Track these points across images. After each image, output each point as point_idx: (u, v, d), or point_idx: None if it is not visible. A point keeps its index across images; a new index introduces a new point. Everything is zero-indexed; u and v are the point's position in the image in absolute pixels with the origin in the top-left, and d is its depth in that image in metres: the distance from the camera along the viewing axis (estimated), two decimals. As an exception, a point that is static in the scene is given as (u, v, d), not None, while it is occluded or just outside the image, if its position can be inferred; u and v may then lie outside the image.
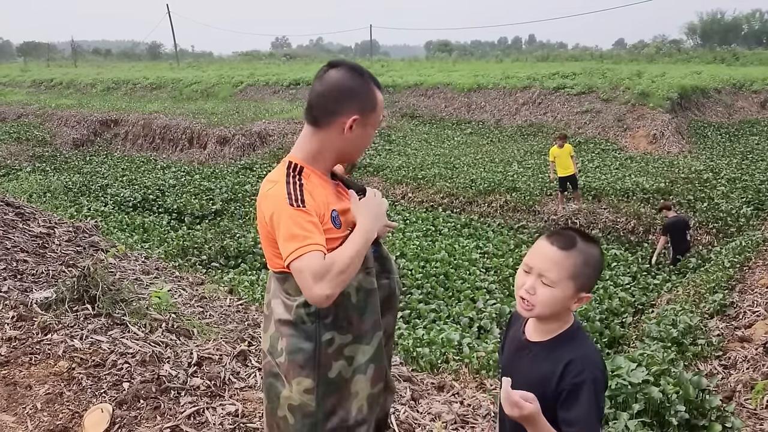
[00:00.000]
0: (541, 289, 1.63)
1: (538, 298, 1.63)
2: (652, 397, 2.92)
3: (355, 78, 1.90)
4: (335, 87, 1.89)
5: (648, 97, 19.10)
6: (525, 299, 1.66)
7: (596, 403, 1.59)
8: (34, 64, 56.95)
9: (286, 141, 18.16)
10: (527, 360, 1.74)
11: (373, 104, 1.93)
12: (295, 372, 1.89)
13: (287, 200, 1.77)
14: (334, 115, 1.89)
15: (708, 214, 11.09)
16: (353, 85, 1.90)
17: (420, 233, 11.34)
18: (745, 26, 66.92)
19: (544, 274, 1.62)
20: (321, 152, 1.92)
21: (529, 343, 1.75)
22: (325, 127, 1.90)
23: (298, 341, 1.89)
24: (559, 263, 1.61)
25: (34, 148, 19.84)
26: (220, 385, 3.12)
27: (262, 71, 32.89)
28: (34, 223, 4.97)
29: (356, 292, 1.93)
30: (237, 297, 4.91)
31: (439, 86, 24.25)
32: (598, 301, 8.08)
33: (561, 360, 1.64)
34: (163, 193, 14.16)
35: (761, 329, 4.88)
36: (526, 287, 1.65)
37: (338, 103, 1.88)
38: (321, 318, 1.88)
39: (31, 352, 3.20)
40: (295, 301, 1.89)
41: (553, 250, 1.63)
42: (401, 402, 3.25)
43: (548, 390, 1.63)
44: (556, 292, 1.62)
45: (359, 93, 1.90)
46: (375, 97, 1.93)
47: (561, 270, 1.61)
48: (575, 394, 1.59)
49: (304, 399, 1.90)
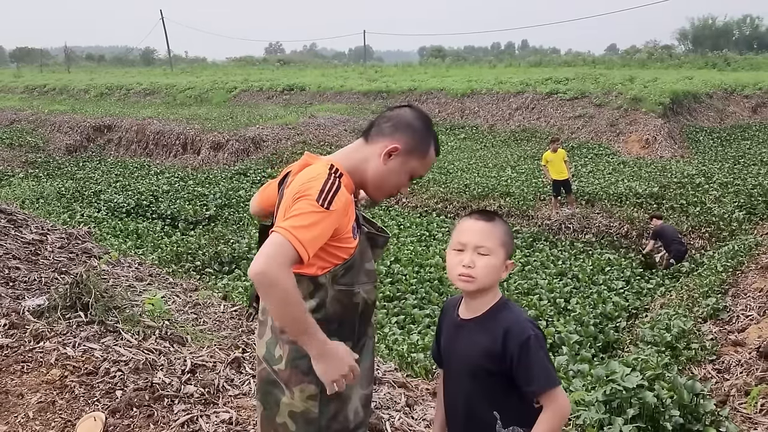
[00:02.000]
0: (480, 259, 1.78)
1: (478, 269, 1.77)
2: (647, 402, 2.93)
3: (421, 121, 1.98)
4: (400, 118, 1.97)
5: (640, 102, 19.22)
6: (465, 274, 1.78)
7: (545, 355, 1.74)
8: (27, 69, 56.79)
9: (279, 146, 18.15)
10: (464, 336, 1.86)
11: (422, 150, 1.97)
12: (297, 379, 1.89)
13: (317, 195, 1.76)
14: (383, 136, 1.95)
15: (700, 219, 11.14)
16: (416, 125, 1.97)
17: (414, 238, 11.34)
18: (736, 32, 67.33)
19: (481, 244, 1.79)
20: (358, 167, 1.95)
21: (464, 321, 1.87)
22: (371, 143, 1.97)
23: (302, 348, 1.87)
24: (490, 233, 1.81)
25: (27, 153, 19.74)
26: (214, 393, 3.10)
27: (256, 77, 32.93)
28: (26, 229, 4.94)
29: (364, 303, 1.96)
30: (231, 303, 4.90)
31: (433, 91, 24.32)
32: (592, 305, 8.10)
33: (498, 329, 1.76)
34: (157, 199, 14.11)
35: (755, 333, 4.90)
36: (464, 263, 1.79)
37: (394, 129, 1.95)
38: (327, 324, 1.87)
39: (23, 360, 3.17)
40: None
41: (481, 223, 1.83)
42: (396, 408, 3.24)
43: (494, 359, 1.75)
44: (492, 260, 1.79)
45: (416, 132, 1.96)
46: (428, 147, 1.98)
47: (493, 238, 1.80)
48: (525, 354, 1.71)
49: (308, 405, 1.89)
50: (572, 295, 8.58)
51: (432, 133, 2.00)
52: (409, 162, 1.95)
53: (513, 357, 1.72)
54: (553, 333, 6.88)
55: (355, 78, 30.50)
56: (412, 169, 1.97)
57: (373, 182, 1.97)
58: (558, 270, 9.64)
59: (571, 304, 8.16)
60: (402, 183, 2.00)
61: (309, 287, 1.86)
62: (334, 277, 1.87)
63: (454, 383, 1.90)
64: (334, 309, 1.89)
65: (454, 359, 1.89)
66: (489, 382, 1.78)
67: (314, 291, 1.87)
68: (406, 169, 1.96)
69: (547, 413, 1.72)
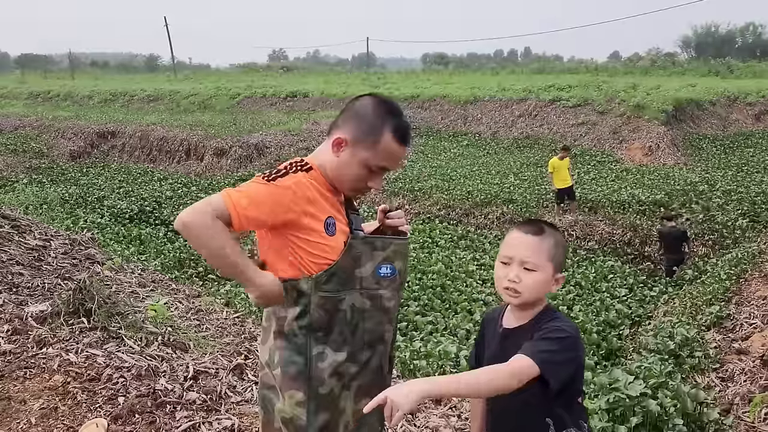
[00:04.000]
0: (526, 275, 1.73)
1: (524, 284, 1.73)
2: (650, 410, 2.92)
3: (372, 109, 1.90)
4: (352, 108, 1.93)
5: (643, 109, 19.20)
6: (511, 288, 1.74)
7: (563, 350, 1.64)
8: (31, 75, 56.92)
9: (283, 153, 18.18)
10: (510, 345, 1.77)
11: (371, 139, 1.87)
12: (287, 384, 1.89)
13: (264, 174, 1.82)
14: (336, 129, 1.92)
15: (704, 226, 11.12)
16: (364, 114, 1.89)
17: (417, 245, 11.33)
18: (739, 39, 67.31)
19: (527, 260, 1.73)
20: (323, 163, 1.93)
21: (510, 330, 1.82)
22: (329, 137, 1.95)
23: (291, 354, 1.89)
24: (537, 248, 1.74)
25: (31, 159, 19.82)
26: (217, 399, 3.10)
27: (260, 83, 33.00)
28: (30, 235, 4.95)
29: (350, 309, 1.91)
30: (233, 310, 4.90)
31: (436, 98, 24.35)
32: (595, 313, 8.08)
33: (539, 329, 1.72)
34: (160, 205, 14.15)
35: (758, 341, 4.88)
36: (510, 277, 1.74)
37: (344, 120, 1.92)
38: (313, 331, 1.88)
39: (25, 366, 3.18)
40: (288, 314, 1.88)
41: (529, 237, 1.75)
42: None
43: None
44: (540, 276, 1.73)
45: (364, 122, 1.88)
46: (378, 135, 1.87)
47: (540, 253, 1.73)
48: (543, 336, 1.66)
49: (296, 412, 1.89)
50: (575, 302, 8.56)
51: (388, 120, 1.88)
52: (358, 152, 1.87)
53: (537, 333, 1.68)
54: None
55: (357, 85, 30.56)
56: (364, 160, 1.88)
57: (333, 176, 1.93)
58: (561, 277, 9.61)
59: (574, 311, 8.14)
60: (360, 175, 1.90)
61: (292, 294, 1.86)
62: (317, 283, 1.85)
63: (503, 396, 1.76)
64: (319, 315, 1.87)
65: None
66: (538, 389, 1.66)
67: (298, 298, 1.87)
68: (357, 160, 1.88)
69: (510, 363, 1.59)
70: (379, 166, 1.91)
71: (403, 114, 1.95)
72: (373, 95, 1.95)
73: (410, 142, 1.96)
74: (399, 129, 1.89)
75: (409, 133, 1.94)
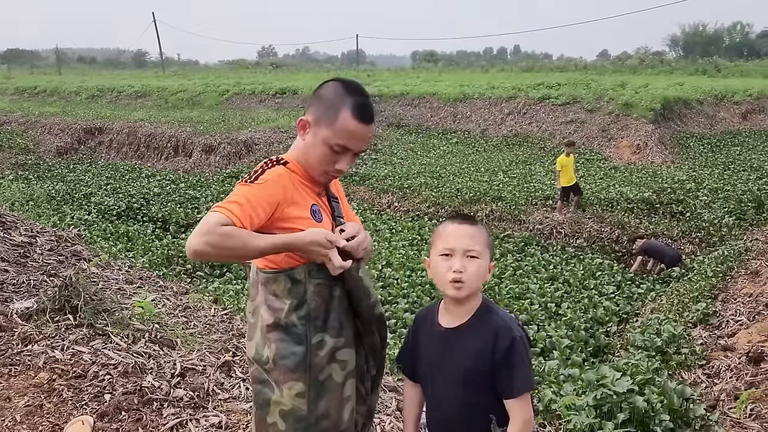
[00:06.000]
0: (470, 263, 1.78)
1: (469, 273, 1.77)
2: (637, 406, 2.93)
3: (332, 89, 1.91)
4: (315, 92, 1.95)
5: (632, 107, 19.31)
6: (456, 279, 1.76)
7: (527, 356, 1.76)
8: (17, 71, 56.46)
9: (272, 150, 18.11)
10: (454, 344, 1.84)
11: (329, 117, 1.87)
12: (286, 377, 1.89)
13: (243, 178, 1.86)
14: (305, 113, 1.96)
15: (691, 224, 11.20)
16: (324, 94, 1.92)
17: (406, 242, 11.34)
18: (727, 38, 67.86)
19: (470, 248, 1.78)
20: (298, 153, 1.96)
21: (451, 330, 1.85)
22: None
23: (288, 345, 1.88)
24: (476, 236, 1.81)
25: (17, 156, 19.62)
26: (204, 397, 3.08)
27: (249, 80, 32.86)
28: (15, 231, 4.90)
29: (346, 295, 1.94)
30: (222, 306, 4.88)
31: (425, 96, 24.36)
32: (583, 310, 8.12)
33: (488, 330, 1.78)
34: (148, 202, 14.05)
35: (744, 338, 4.92)
36: (454, 268, 1.77)
37: (309, 104, 1.95)
38: (311, 320, 1.89)
39: (10, 363, 3.15)
40: (285, 304, 1.88)
41: (466, 227, 1.82)
42: (386, 413, 3.23)
43: (485, 362, 1.76)
44: (482, 262, 1.79)
45: (323, 101, 1.90)
46: (335, 113, 1.87)
47: (480, 241, 1.80)
48: (509, 355, 1.74)
49: (296, 403, 1.89)
50: (563, 299, 8.60)
51: (347, 98, 1.87)
52: (319, 132, 1.88)
53: (498, 356, 1.74)
54: (544, 337, 6.89)
55: (347, 82, 30.43)
56: (325, 139, 1.88)
57: (303, 161, 1.95)
58: (549, 274, 9.66)
59: (562, 308, 8.17)
60: (324, 156, 1.90)
61: (286, 284, 1.87)
62: (310, 272, 1.87)
63: (444, 395, 1.87)
64: (316, 304, 1.89)
65: (444, 370, 1.85)
66: (482, 385, 1.78)
67: (291, 288, 1.87)
68: (320, 140, 1.89)
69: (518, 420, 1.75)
70: (339, 144, 1.89)
71: (366, 94, 1.93)
72: (335, 79, 1.96)
73: (371, 119, 1.92)
74: (357, 106, 1.87)
75: (368, 111, 1.90)
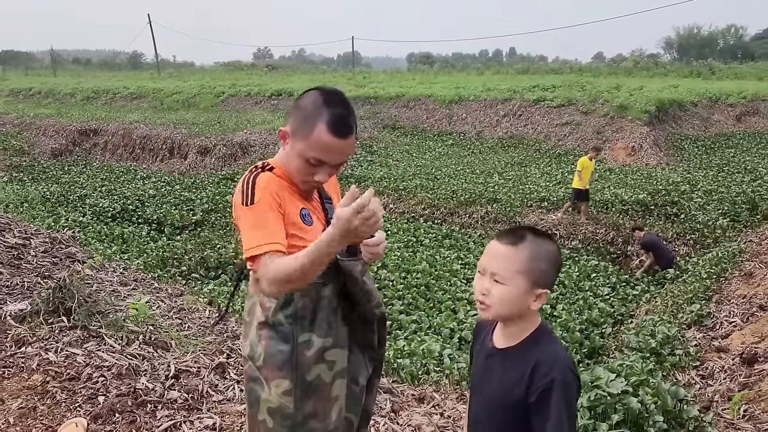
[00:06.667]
0: (495, 287, 1.62)
1: (492, 297, 1.63)
2: (631, 407, 2.94)
3: (311, 101, 1.87)
4: (297, 101, 1.93)
5: (626, 109, 19.37)
6: (480, 301, 1.66)
7: (567, 407, 1.57)
8: (12, 72, 56.25)
9: (267, 152, 18.10)
10: (497, 367, 1.72)
11: (304, 130, 1.84)
12: (273, 374, 1.90)
13: (241, 199, 1.85)
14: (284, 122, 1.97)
15: (685, 226, 11.22)
16: (302, 105, 1.89)
17: (401, 244, 11.33)
18: (721, 41, 68.23)
19: (495, 272, 1.62)
20: (282, 160, 1.96)
21: (497, 350, 1.73)
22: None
23: (276, 343, 1.90)
24: (508, 259, 1.62)
25: (12, 157, 19.53)
26: (198, 398, 3.08)
27: (244, 82, 32.83)
28: (9, 233, 4.89)
29: (334, 296, 1.94)
30: (216, 308, 4.87)
31: (421, 98, 24.36)
32: (577, 311, 8.14)
33: (529, 362, 1.62)
34: (143, 204, 14.01)
35: (738, 340, 4.94)
36: (480, 289, 1.65)
37: (290, 114, 1.94)
38: (298, 319, 1.90)
39: (4, 365, 3.14)
40: (272, 303, 1.90)
41: (502, 247, 1.64)
42: (381, 414, 3.23)
43: (520, 394, 1.61)
44: (508, 289, 1.61)
45: (300, 113, 1.88)
46: (311, 126, 1.83)
47: (510, 265, 1.61)
48: (545, 400, 1.57)
49: (283, 401, 1.90)
50: (558, 301, 8.61)
51: (323, 111, 1.82)
52: (296, 144, 1.87)
53: (533, 397, 1.59)
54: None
55: (343, 84, 30.47)
56: (300, 152, 1.85)
57: (286, 169, 1.95)
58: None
59: (558, 310, 8.19)
60: (300, 168, 1.88)
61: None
62: None
63: (485, 412, 1.77)
64: (303, 303, 1.90)
65: (486, 389, 1.75)
66: (517, 417, 1.64)
67: None
68: (295, 152, 1.87)
69: None
70: (314, 158, 1.85)
71: (346, 105, 1.87)
72: (317, 88, 1.92)
73: (347, 133, 1.85)
74: (333, 120, 1.82)
75: (344, 124, 1.83)
